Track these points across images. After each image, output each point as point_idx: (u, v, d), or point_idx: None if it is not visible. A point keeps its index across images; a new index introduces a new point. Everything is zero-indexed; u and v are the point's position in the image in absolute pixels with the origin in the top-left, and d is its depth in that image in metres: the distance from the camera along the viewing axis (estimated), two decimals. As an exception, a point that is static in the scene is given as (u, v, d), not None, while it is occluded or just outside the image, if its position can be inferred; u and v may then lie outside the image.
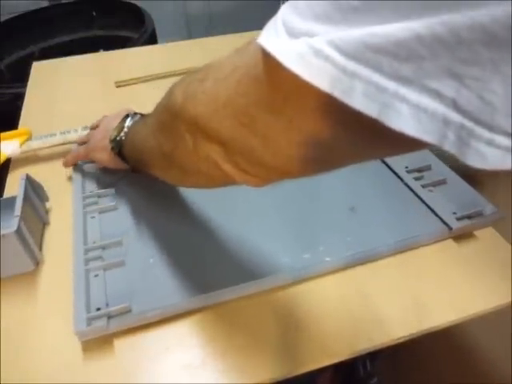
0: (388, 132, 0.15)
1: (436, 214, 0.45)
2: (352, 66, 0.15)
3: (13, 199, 0.40)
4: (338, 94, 0.15)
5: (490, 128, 0.14)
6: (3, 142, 0.52)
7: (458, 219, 0.44)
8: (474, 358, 0.60)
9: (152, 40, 1.17)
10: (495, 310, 0.38)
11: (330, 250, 0.41)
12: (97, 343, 0.35)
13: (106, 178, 0.50)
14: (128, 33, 1.30)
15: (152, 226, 0.44)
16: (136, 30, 1.20)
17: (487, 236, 0.45)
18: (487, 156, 0.14)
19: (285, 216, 0.45)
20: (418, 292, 0.39)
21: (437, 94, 0.14)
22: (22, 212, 0.39)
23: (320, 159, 0.21)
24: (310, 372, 0.34)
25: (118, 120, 0.42)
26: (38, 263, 0.41)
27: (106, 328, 0.34)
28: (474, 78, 0.13)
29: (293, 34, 0.17)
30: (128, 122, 0.41)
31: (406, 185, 0.49)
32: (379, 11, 0.14)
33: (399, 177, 0.50)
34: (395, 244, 0.42)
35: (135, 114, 0.42)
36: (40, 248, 0.43)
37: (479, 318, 0.38)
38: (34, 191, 0.44)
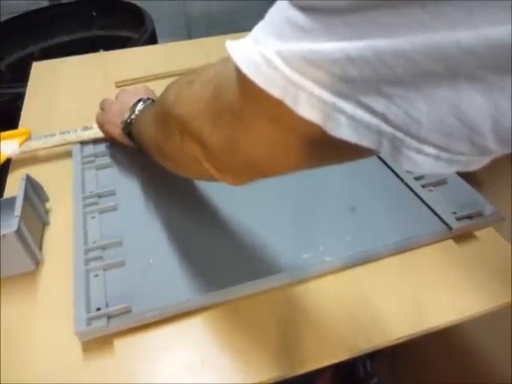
0: (334, 138, 0.16)
1: (436, 214, 0.45)
2: (296, 77, 0.16)
3: (13, 199, 0.40)
4: (287, 101, 0.17)
5: (418, 139, 0.15)
6: (3, 142, 0.52)
7: (458, 219, 0.44)
8: (473, 357, 0.60)
9: (152, 40, 1.17)
10: (495, 310, 0.38)
11: (330, 250, 0.41)
12: (97, 343, 0.35)
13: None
14: (128, 33, 1.30)
15: (152, 226, 0.44)
16: (136, 30, 1.20)
17: (487, 236, 0.45)
18: (418, 162, 0.16)
19: (284, 216, 0.45)
20: (417, 292, 0.39)
21: (369, 109, 0.15)
22: (22, 212, 0.39)
23: (281, 162, 0.22)
24: (310, 372, 0.34)
25: (134, 99, 0.44)
26: (38, 263, 0.41)
27: (106, 328, 0.34)
28: (400, 97, 0.15)
29: (256, 41, 0.18)
30: (139, 107, 0.43)
31: (406, 185, 0.49)
32: (319, 32, 0.16)
33: (399, 177, 0.50)
34: (395, 244, 0.42)
35: (148, 98, 0.44)
36: (40, 248, 0.43)
37: (479, 318, 0.38)
38: (34, 191, 0.44)
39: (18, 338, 0.36)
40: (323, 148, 0.19)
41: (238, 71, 0.19)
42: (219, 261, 0.40)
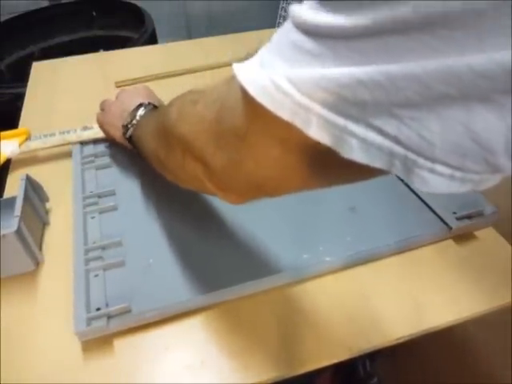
0: (345, 158, 0.16)
1: (436, 214, 0.45)
2: (307, 101, 0.16)
3: (13, 199, 0.40)
4: (298, 124, 0.17)
5: (432, 160, 0.15)
6: (2, 142, 0.52)
7: (458, 219, 0.44)
8: (473, 357, 0.60)
9: (152, 40, 1.17)
10: (495, 310, 0.38)
11: (330, 250, 0.41)
12: (97, 343, 0.35)
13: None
14: (128, 33, 1.30)
15: (152, 226, 0.44)
16: (136, 30, 1.20)
17: (487, 236, 0.45)
18: (431, 182, 0.16)
19: (284, 216, 0.45)
20: (417, 292, 0.39)
21: (380, 131, 0.15)
22: (21, 212, 0.39)
23: (287, 182, 0.23)
24: (310, 372, 0.34)
25: (135, 102, 0.43)
26: (38, 263, 0.41)
27: (106, 328, 0.34)
28: (411, 119, 0.15)
29: (263, 65, 0.18)
30: (140, 112, 0.42)
31: (406, 185, 0.49)
32: (328, 57, 0.16)
33: (399, 176, 0.50)
34: (395, 244, 0.42)
35: (149, 103, 0.43)
36: (40, 248, 0.43)
37: (479, 318, 0.38)
38: (34, 191, 0.44)
39: (18, 338, 0.36)
40: (333, 168, 0.19)
41: (245, 94, 0.19)
42: (219, 261, 0.40)
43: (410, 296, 0.39)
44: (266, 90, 0.17)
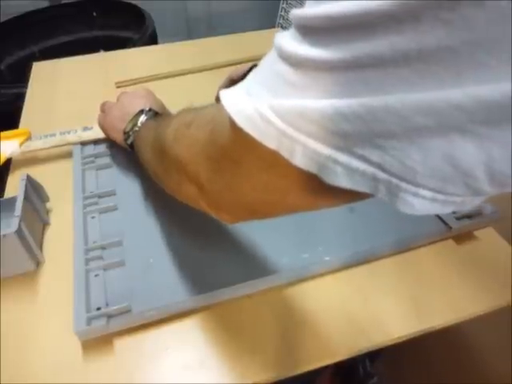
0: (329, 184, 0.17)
1: (435, 214, 0.45)
2: (290, 131, 0.17)
3: (13, 199, 0.41)
4: (283, 153, 0.17)
5: (415, 184, 0.16)
6: (2, 142, 0.52)
7: (458, 219, 0.44)
8: (473, 357, 0.60)
9: (152, 40, 1.17)
10: (495, 309, 0.38)
11: (330, 250, 0.41)
12: (97, 343, 0.35)
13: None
14: (128, 33, 1.30)
15: (152, 225, 0.44)
16: (136, 30, 1.20)
17: (487, 236, 0.45)
18: (415, 205, 0.16)
19: (284, 216, 0.45)
20: (417, 292, 0.39)
21: (364, 159, 0.16)
22: (22, 212, 0.39)
23: (280, 204, 0.23)
24: (310, 372, 0.34)
25: (136, 107, 0.44)
26: (38, 263, 0.41)
27: (106, 327, 0.35)
28: (393, 148, 0.15)
29: (249, 93, 0.19)
30: (141, 118, 0.42)
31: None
32: (310, 89, 0.16)
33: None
34: (394, 244, 0.42)
35: (149, 110, 0.43)
36: (40, 248, 0.43)
37: (479, 318, 0.38)
38: (35, 191, 0.44)
39: (18, 338, 0.36)
40: (322, 192, 0.20)
41: (233, 123, 0.19)
42: (219, 260, 0.40)
43: (409, 296, 0.39)
44: (251, 120, 0.18)
